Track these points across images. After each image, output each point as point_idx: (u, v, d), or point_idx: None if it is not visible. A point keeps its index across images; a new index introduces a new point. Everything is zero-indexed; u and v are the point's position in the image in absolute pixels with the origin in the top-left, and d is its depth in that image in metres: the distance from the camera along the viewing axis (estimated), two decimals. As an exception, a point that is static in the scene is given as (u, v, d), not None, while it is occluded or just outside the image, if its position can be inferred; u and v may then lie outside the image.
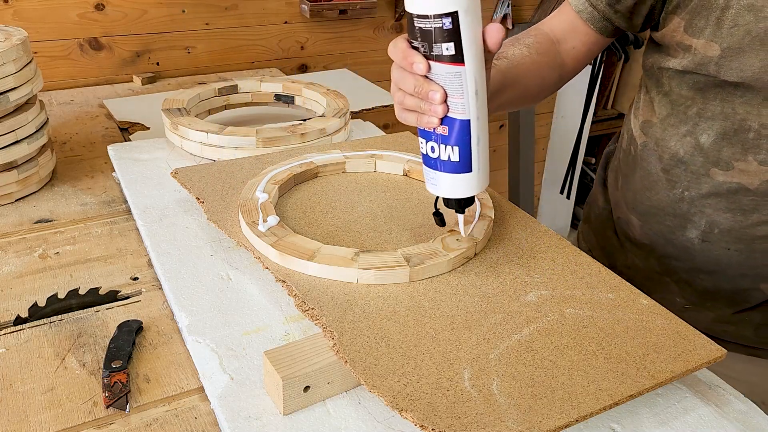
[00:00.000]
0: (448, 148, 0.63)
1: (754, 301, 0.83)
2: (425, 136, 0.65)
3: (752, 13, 0.70)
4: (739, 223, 0.79)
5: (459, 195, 0.66)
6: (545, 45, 0.84)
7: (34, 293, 0.72)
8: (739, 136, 0.76)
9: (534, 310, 0.64)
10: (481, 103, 0.62)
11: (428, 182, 0.67)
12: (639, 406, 0.59)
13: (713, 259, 0.82)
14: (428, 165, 0.66)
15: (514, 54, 0.80)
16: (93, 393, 0.59)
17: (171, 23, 1.49)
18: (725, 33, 0.72)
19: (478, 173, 0.65)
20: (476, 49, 0.59)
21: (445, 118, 0.62)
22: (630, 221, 0.90)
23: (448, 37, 0.58)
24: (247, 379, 0.59)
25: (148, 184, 0.92)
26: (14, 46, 0.86)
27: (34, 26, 1.35)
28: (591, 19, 0.82)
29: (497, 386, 0.54)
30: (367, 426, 0.55)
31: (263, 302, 0.69)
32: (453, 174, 0.65)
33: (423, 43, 0.59)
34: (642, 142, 0.86)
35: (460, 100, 0.61)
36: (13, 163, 0.90)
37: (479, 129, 0.63)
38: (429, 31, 0.58)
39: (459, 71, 0.60)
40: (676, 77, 0.79)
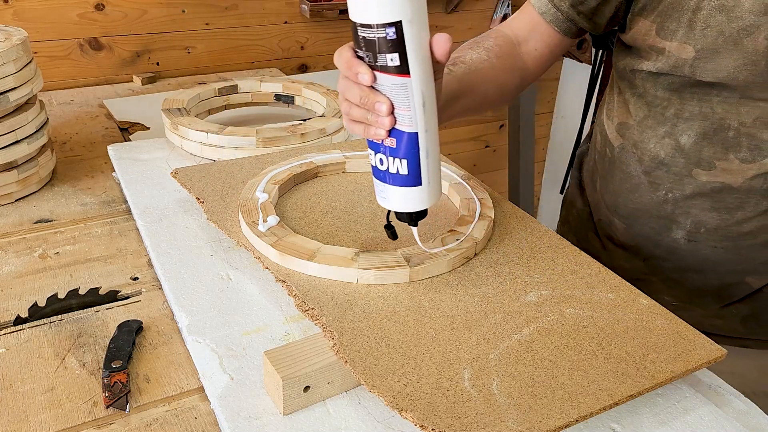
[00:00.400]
0: (396, 160, 0.61)
1: (741, 294, 0.84)
2: (374, 147, 0.62)
3: (723, 13, 0.70)
4: (725, 222, 0.79)
5: (409, 209, 0.64)
6: (506, 48, 0.82)
7: (34, 293, 0.72)
8: (719, 136, 0.75)
9: (534, 310, 0.64)
10: (429, 116, 0.59)
11: (378, 195, 0.65)
12: (639, 406, 0.59)
13: (701, 258, 0.83)
14: (377, 177, 0.64)
15: (473, 59, 0.78)
16: (93, 393, 0.59)
17: (171, 23, 1.49)
18: (698, 34, 0.71)
19: (429, 186, 0.62)
20: (422, 60, 0.57)
21: (393, 130, 0.60)
22: (612, 223, 0.90)
23: (392, 48, 0.56)
24: (247, 379, 0.59)
25: (148, 184, 0.92)
26: (14, 46, 0.86)
27: (34, 26, 1.35)
28: (555, 20, 0.81)
29: (497, 386, 0.54)
30: (367, 426, 0.55)
31: (263, 302, 0.69)
32: (402, 187, 0.62)
33: (367, 53, 0.57)
34: (619, 144, 0.85)
35: (407, 113, 0.58)
36: (13, 163, 0.90)
37: (428, 142, 0.60)
38: (373, 41, 0.56)
39: (405, 83, 0.57)
40: (651, 79, 0.79)
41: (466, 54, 0.79)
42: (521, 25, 0.84)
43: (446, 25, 1.82)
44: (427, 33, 0.57)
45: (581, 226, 0.98)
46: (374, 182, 0.65)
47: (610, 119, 0.88)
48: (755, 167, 0.75)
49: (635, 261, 0.88)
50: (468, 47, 0.81)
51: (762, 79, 0.70)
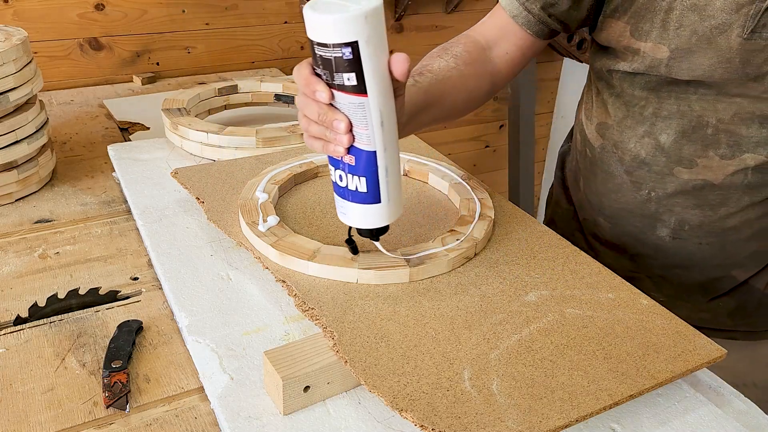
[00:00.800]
0: (355, 178, 0.61)
1: (728, 287, 0.85)
2: (334, 164, 0.62)
3: (696, 12, 0.70)
4: (709, 218, 0.80)
5: (369, 225, 0.64)
6: (475, 53, 0.81)
7: (34, 293, 0.72)
8: (698, 133, 0.76)
9: (534, 310, 0.64)
10: (388, 134, 0.59)
11: (338, 211, 0.65)
12: (639, 406, 0.59)
13: (686, 255, 0.83)
14: (338, 193, 0.64)
15: (440, 67, 0.77)
16: (93, 393, 0.59)
17: (171, 23, 1.49)
18: (672, 34, 0.72)
19: (389, 204, 0.62)
20: (380, 80, 0.56)
21: (352, 148, 0.59)
22: (598, 223, 0.90)
23: (348, 68, 0.55)
24: (247, 379, 0.59)
25: (148, 184, 0.92)
26: (14, 46, 0.86)
27: (34, 26, 1.35)
28: (526, 23, 0.80)
29: (497, 386, 0.54)
30: (367, 426, 0.55)
31: (263, 302, 0.69)
32: (361, 204, 0.62)
33: (325, 72, 0.57)
34: (599, 144, 0.86)
35: (365, 131, 0.58)
36: (13, 163, 0.90)
37: (387, 160, 0.60)
38: (329, 60, 0.55)
39: (362, 102, 0.57)
40: (628, 79, 0.79)
41: (434, 62, 0.78)
42: (491, 29, 0.83)
43: (446, 25, 1.82)
44: (385, 53, 0.57)
45: (567, 226, 0.99)
46: (335, 198, 0.65)
47: (589, 120, 0.88)
48: (735, 163, 0.76)
49: (622, 259, 0.89)
50: (436, 55, 0.80)
51: (737, 76, 0.71)
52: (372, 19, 0.54)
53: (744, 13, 0.68)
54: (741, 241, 0.81)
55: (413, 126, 0.73)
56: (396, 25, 1.78)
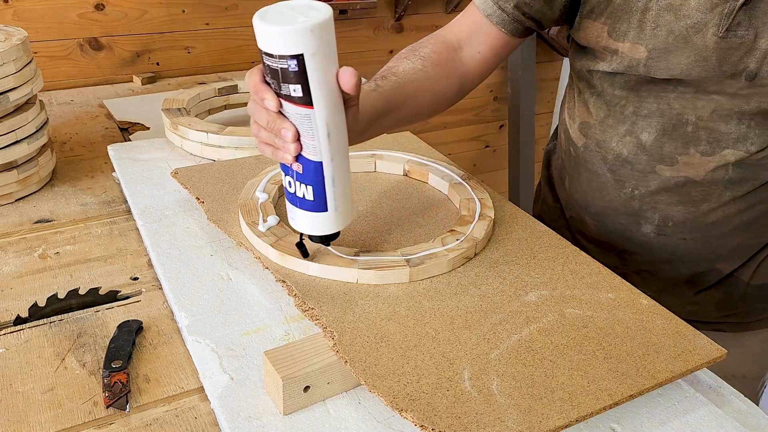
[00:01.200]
0: (302, 186, 0.62)
1: (714, 280, 0.86)
2: (284, 170, 0.63)
3: (671, 12, 0.71)
4: (692, 214, 0.81)
5: (316, 232, 0.65)
6: (443, 54, 0.81)
7: (34, 293, 0.72)
8: (678, 131, 0.77)
9: (534, 310, 0.64)
10: (335, 145, 0.59)
11: (288, 215, 0.66)
12: (639, 406, 0.59)
13: (671, 250, 0.85)
14: (287, 199, 0.65)
15: (405, 70, 0.77)
16: (93, 393, 0.59)
17: (171, 23, 1.49)
18: (649, 34, 0.73)
19: (335, 212, 0.63)
20: (327, 92, 0.57)
21: (300, 156, 0.60)
22: (584, 221, 0.91)
23: (294, 79, 0.55)
24: (247, 379, 0.59)
25: (148, 184, 0.92)
26: (14, 46, 0.86)
27: (34, 26, 1.35)
28: (501, 21, 0.81)
29: (497, 386, 0.54)
30: (367, 426, 0.55)
31: (263, 302, 0.69)
32: (309, 212, 0.63)
33: (273, 81, 0.57)
34: (582, 143, 0.87)
35: (312, 142, 0.59)
36: (13, 163, 0.90)
37: (334, 170, 0.61)
38: (276, 71, 0.56)
39: (308, 114, 0.57)
40: (608, 78, 0.80)
41: (400, 65, 0.78)
42: (464, 28, 0.84)
43: (446, 25, 1.82)
44: (333, 66, 0.57)
45: (553, 223, 0.99)
46: (286, 203, 0.65)
47: (572, 119, 0.89)
48: (715, 159, 0.77)
49: (609, 256, 0.90)
50: (404, 56, 0.80)
51: (714, 74, 0.72)
52: (318, 33, 0.54)
53: (718, 12, 0.69)
54: (724, 235, 0.82)
55: (374, 130, 0.74)
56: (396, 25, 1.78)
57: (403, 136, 1.02)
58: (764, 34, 0.69)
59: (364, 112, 0.68)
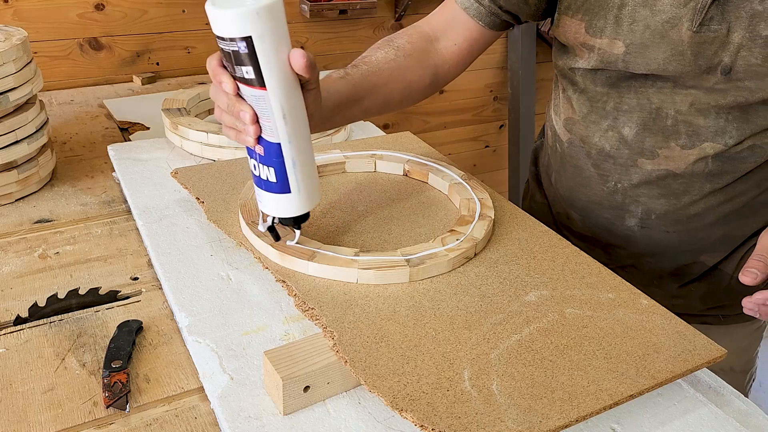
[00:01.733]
0: (265, 168, 0.63)
1: (697, 273, 0.87)
2: (249, 153, 0.64)
3: (647, 8, 0.72)
4: (673, 206, 0.82)
5: (282, 214, 0.66)
6: (418, 45, 0.83)
7: (34, 293, 0.72)
8: (658, 125, 0.78)
9: (534, 310, 0.64)
10: (292, 127, 0.61)
11: (257, 199, 0.67)
12: (639, 406, 0.59)
13: (654, 243, 0.86)
14: (255, 182, 0.66)
15: (377, 59, 0.79)
16: (93, 393, 0.59)
17: (171, 23, 1.49)
18: (626, 30, 0.74)
19: (299, 194, 0.64)
20: (279, 73, 0.58)
21: (261, 138, 0.61)
22: (570, 216, 0.92)
23: (245, 61, 0.57)
24: (247, 379, 0.59)
25: (148, 184, 0.92)
26: (14, 46, 0.86)
27: (34, 26, 1.35)
28: (478, 14, 0.82)
29: (497, 386, 0.54)
30: (367, 426, 0.55)
31: (263, 302, 0.69)
32: (273, 194, 0.64)
33: (228, 64, 0.59)
34: (567, 139, 0.88)
35: (269, 123, 0.60)
36: (13, 163, 0.90)
37: (294, 152, 0.62)
38: (229, 54, 0.57)
39: (262, 95, 0.58)
40: (589, 75, 0.81)
41: (373, 54, 0.80)
42: (441, 20, 0.85)
43: (446, 25, 1.82)
44: (286, 48, 0.58)
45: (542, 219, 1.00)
46: (254, 187, 0.67)
47: (557, 115, 0.91)
48: (695, 152, 0.78)
49: (594, 251, 0.91)
50: (378, 46, 0.82)
51: (690, 69, 0.73)
52: (265, 15, 0.55)
53: (692, 6, 0.70)
54: (706, 227, 0.83)
55: (343, 118, 0.75)
56: (396, 25, 1.78)
57: (403, 135, 1.02)
58: (737, 29, 0.70)
59: (330, 99, 0.70)
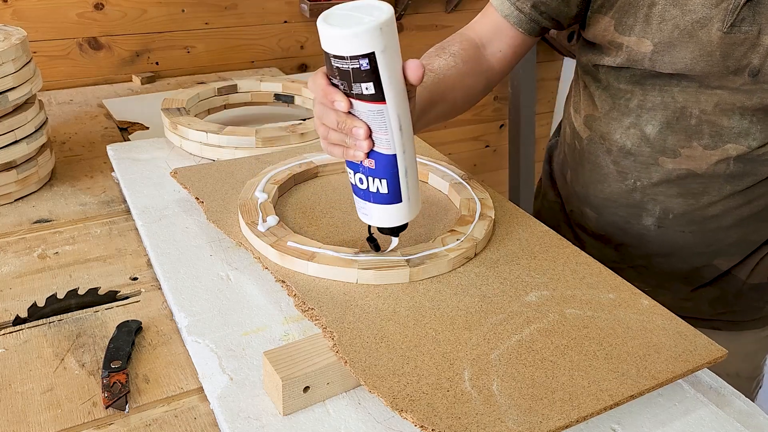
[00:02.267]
0: (376, 180, 0.63)
1: (709, 277, 0.87)
2: (353, 167, 0.64)
3: (677, 7, 0.72)
4: (691, 206, 0.82)
5: (391, 224, 0.66)
6: (470, 52, 0.83)
7: (33, 293, 0.72)
8: (681, 124, 0.78)
9: (534, 310, 0.64)
10: (406, 137, 0.61)
11: (359, 212, 0.67)
12: (639, 406, 0.59)
13: (668, 243, 0.85)
14: (358, 195, 0.65)
15: (440, 66, 0.79)
16: (92, 393, 0.59)
17: (170, 23, 1.49)
18: (655, 29, 0.74)
19: (408, 202, 0.64)
20: (397, 85, 0.58)
21: (372, 152, 0.61)
22: (584, 214, 0.92)
23: (366, 78, 0.56)
24: (246, 379, 0.59)
25: (147, 184, 0.91)
26: (13, 46, 0.86)
27: (33, 26, 1.35)
28: (518, 22, 0.82)
29: (497, 386, 0.54)
30: (367, 426, 0.55)
31: (263, 302, 0.69)
32: (383, 205, 0.64)
33: (342, 82, 0.58)
34: (587, 136, 0.88)
35: (385, 136, 0.60)
36: (12, 162, 0.90)
37: (406, 161, 0.62)
38: (347, 72, 0.56)
39: (381, 109, 0.58)
40: (613, 72, 0.81)
41: (434, 62, 0.80)
42: (484, 28, 0.85)
43: (446, 25, 1.82)
44: (399, 58, 0.58)
45: (553, 218, 1.00)
46: (354, 199, 0.66)
47: (577, 112, 0.90)
48: (718, 153, 0.78)
49: (606, 249, 0.90)
50: (435, 54, 0.82)
51: (718, 69, 0.73)
52: (386, 29, 0.55)
53: (723, 7, 0.70)
54: (723, 230, 0.82)
55: (420, 125, 0.75)
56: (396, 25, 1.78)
57: (402, 135, 1.02)
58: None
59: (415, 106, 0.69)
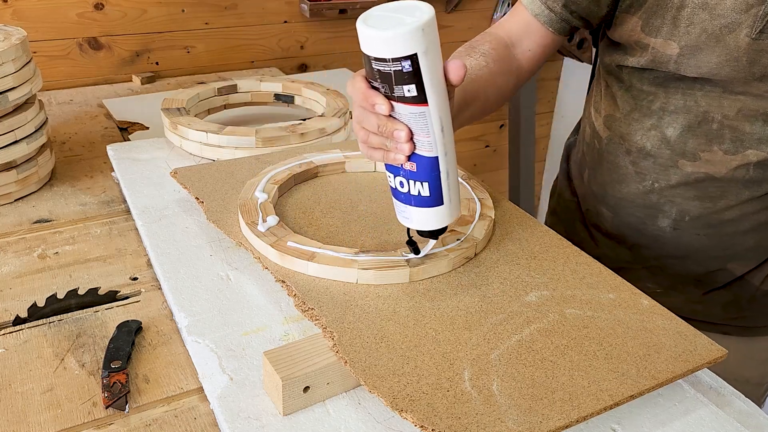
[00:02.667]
0: (417, 183, 0.62)
1: (723, 281, 0.86)
2: (393, 171, 0.63)
3: (706, 11, 0.72)
4: (708, 210, 0.82)
5: (432, 227, 0.65)
6: (500, 51, 0.83)
7: (33, 293, 0.72)
8: (703, 128, 0.78)
9: (534, 310, 0.64)
10: (448, 139, 0.60)
11: (399, 215, 0.66)
12: (639, 406, 0.59)
13: (683, 245, 0.85)
14: (398, 199, 0.64)
15: (472, 66, 0.79)
16: (92, 393, 0.59)
17: (170, 23, 1.49)
18: (682, 31, 0.74)
19: (450, 204, 0.63)
20: (438, 86, 0.57)
21: (413, 155, 0.60)
22: (600, 213, 0.92)
23: (408, 80, 0.55)
24: (246, 379, 0.59)
25: (147, 184, 0.91)
26: (13, 46, 0.86)
27: (33, 26, 1.35)
28: (549, 21, 0.82)
29: (497, 386, 0.54)
30: (367, 426, 0.55)
31: (263, 302, 0.69)
32: (424, 208, 0.63)
33: (383, 85, 0.57)
34: (606, 136, 0.88)
35: (427, 138, 0.59)
36: (12, 162, 0.90)
37: (448, 163, 0.61)
38: (388, 74, 0.56)
39: (423, 111, 0.57)
40: (636, 74, 0.81)
41: (465, 61, 0.79)
42: (514, 27, 0.85)
43: (446, 25, 1.82)
44: (440, 60, 0.57)
45: (569, 217, 1.00)
46: (394, 202, 0.65)
47: (597, 112, 0.90)
48: (738, 158, 0.77)
49: (620, 250, 0.90)
50: (465, 53, 0.81)
51: (743, 75, 0.73)
52: (428, 30, 0.54)
53: (753, 13, 0.69)
54: (739, 234, 0.82)
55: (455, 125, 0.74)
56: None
57: (402, 135, 1.02)
58: None
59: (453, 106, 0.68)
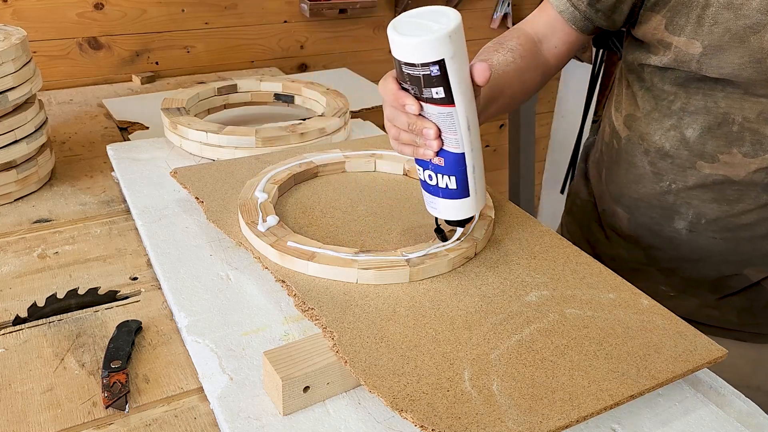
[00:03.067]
0: (445, 177, 0.65)
1: (738, 286, 0.85)
2: (422, 165, 0.66)
3: (731, 11, 0.71)
4: (725, 213, 0.81)
5: (458, 217, 0.68)
6: (528, 47, 0.84)
7: (33, 293, 0.72)
8: (722, 130, 0.77)
9: (534, 310, 0.64)
10: (474, 136, 0.63)
11: (428, 205, 0.69)
12: (640, 406, 0.59)
13: (698, 248, 0.84)
14: (427, 190, 0.68)
15: (499, 62, 0.80)
16: (92, 393, 0.59)
17: (170, 22, 1.49)
18: (706, 31, 0.73)
19: (476, 196, 0.67)
20: (465, 88, 0.60)
21: (441, 151, 0.63)
22: (616, 213, 0.91)
23: (436, 83, 0.58)
24: (246, 379, 0.59)
25: (147, 183, 0.91)
26: (13, 46, 0.86)
27: (33, 26, 1.35)
28: (572, 18, 0.83)
29: (497, 386, 0.54)
30: (367, 426, 0.55)
31: (263, 302, 0.69)
32: (452, 200, 0.66)
33: (413, 87, 0.60)
34: (626, 135, 0.87)
35: (454, 136, 0.62)
36: (12, 162, 0.90)
37: (474, 159, 0.64)
38: (418, 78, 0.59)
39: (450, 111, 0.60)
40: (658, 73, 0.81)
41: (493, 57, 0.81)
42: (541, 24, 0.86)
43: (446, 25, 1.82)
44: (467, 62, 0.60)
45: (585, 217, 1.00)
46: (423, 194, 0.69)
47: (618, 111, 0.90)
48: (757, 161, 0.77)
49: (635, 251, 0.90)
50: (493, 49, 0.83)
51: (765, 77, 0.72)
52: (455, 37, 0.57)
53: None
54: (755, 239, 0.81)
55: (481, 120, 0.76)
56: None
57: (402, 135, 1.02)
58: None
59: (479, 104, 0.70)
